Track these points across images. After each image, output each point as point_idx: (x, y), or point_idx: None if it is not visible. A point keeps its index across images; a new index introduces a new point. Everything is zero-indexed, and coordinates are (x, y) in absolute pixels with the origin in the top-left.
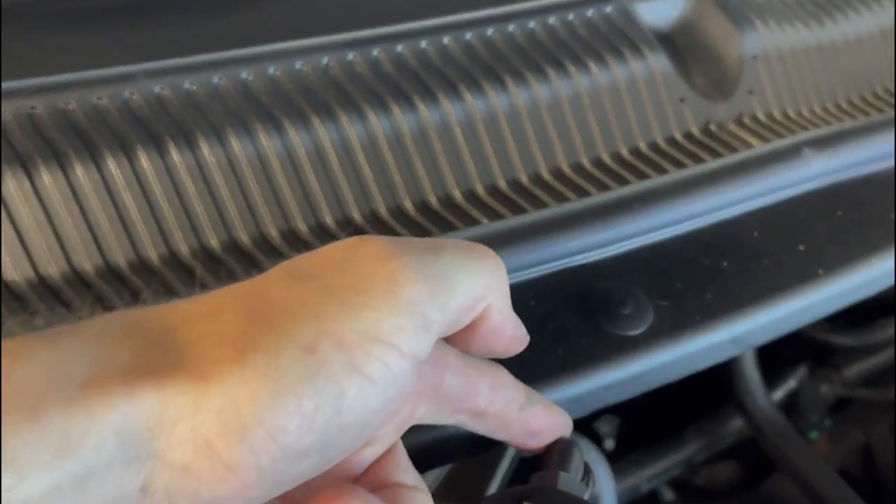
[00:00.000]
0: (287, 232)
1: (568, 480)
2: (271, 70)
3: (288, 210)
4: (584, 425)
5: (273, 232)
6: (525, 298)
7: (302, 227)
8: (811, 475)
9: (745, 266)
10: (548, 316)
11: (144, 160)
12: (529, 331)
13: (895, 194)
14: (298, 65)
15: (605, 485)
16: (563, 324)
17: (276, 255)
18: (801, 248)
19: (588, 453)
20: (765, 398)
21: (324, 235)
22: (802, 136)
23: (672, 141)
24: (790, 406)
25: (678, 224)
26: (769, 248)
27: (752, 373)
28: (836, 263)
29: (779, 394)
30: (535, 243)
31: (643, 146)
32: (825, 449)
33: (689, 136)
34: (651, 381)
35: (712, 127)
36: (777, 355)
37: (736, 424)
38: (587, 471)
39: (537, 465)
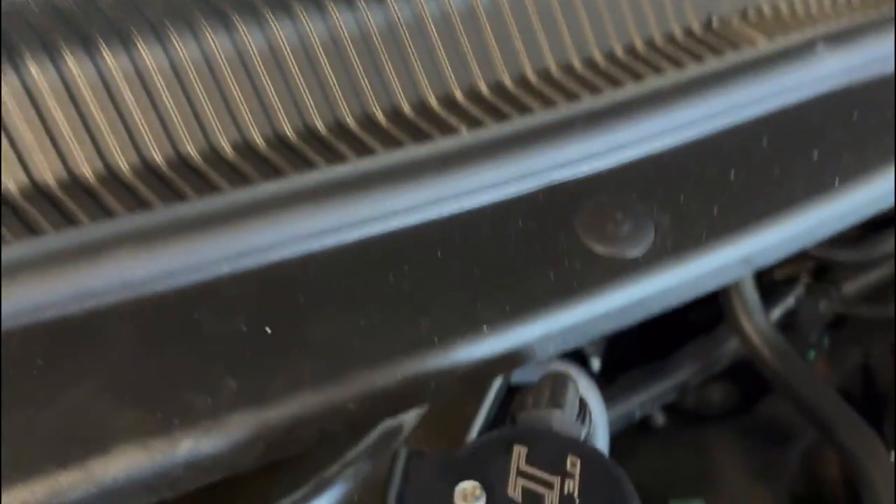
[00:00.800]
0: (241, 144)
1: (562, 420)
2: None
3: (242, 119)
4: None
5: (254, 138)
6: (511, 217)
7: (258, 139)
8: (811, 396)
9: (754, 177)
10: (536, 237)
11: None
12: (516, 254)
13: None
14: None
15: (598, 417)
16: (554, 246)
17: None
18: (816, 155)
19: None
20: (763, 318)
21: (283, 148)
22: (815, 31)
23: (671, 38)
24: (787, 326)
25: (679, 131)
26: (780, 156)
27: (750, 292)
28: (854, 172)
29: (776, 313)
30: (521, 154)
31: (639, 44)
32: (823, 369)
33: (689, 33)
34: (652, 307)
35: (714, 22)
36: (770, 270)
37: (732, 346)
38: (582, 406)
39: (526, 400)
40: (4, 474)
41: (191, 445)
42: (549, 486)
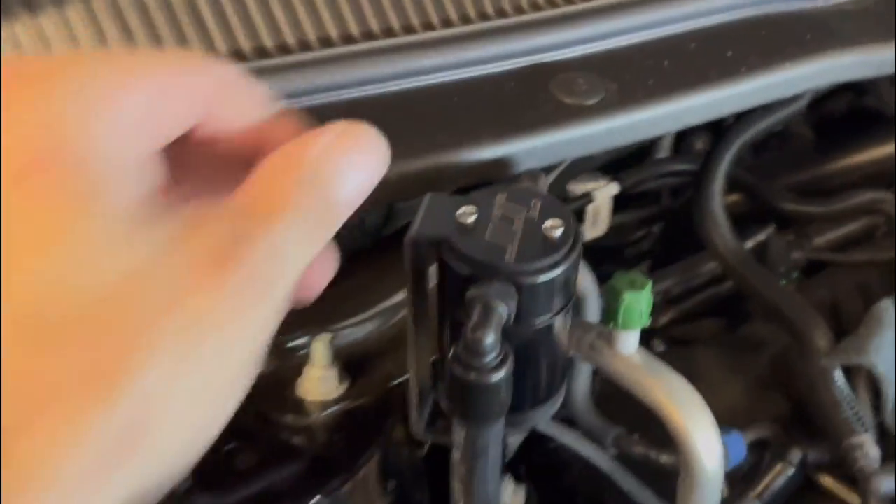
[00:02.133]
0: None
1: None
2: None
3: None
4: None
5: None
6: (505, 82)
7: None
8: (764, 288)
9: (681, 67)
10: (523, 93)
11: None
12: (508, 102)
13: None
14: None
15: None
16: (535, 98)
17: None
18: (730, 54)
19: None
20: (733, 239)
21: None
22: None
23: None
24: (759, 260)
25: (626, 35)
26: (703, 54)
27: (720, 217)
28: (757, 66)
29: (749, 244)
30: (515, 40)
31: None
32: None
33: None
34: (603, 139)
35: None
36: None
37: (711, 266)
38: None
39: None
40: None
41: None
42: (519, 212)
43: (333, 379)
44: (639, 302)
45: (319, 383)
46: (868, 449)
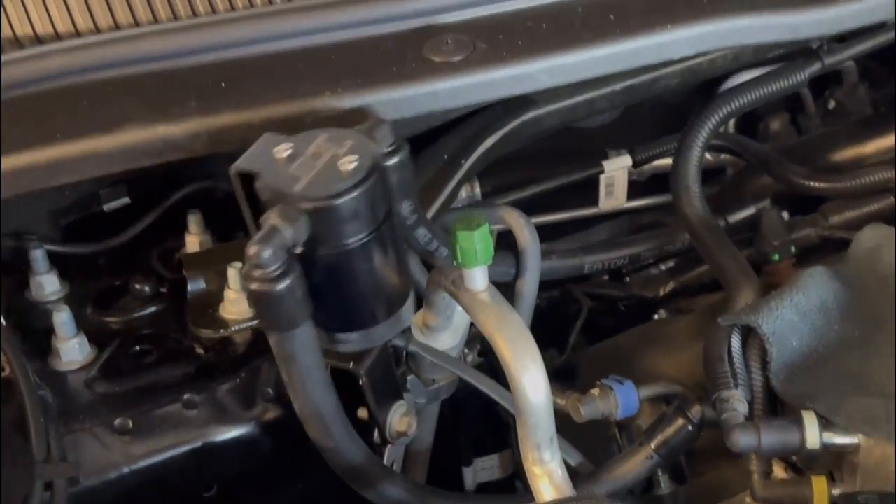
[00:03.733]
0: None
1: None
2: None
3: None
4: None
5: None
6: (384, 42)
7: None
8: (722, 265)
9: (557, 29)
10: (395, 53)
11: None
12: (381, 60)
13: None
14: None
15: (532, 256)
16: (405, 57)
17: None
18: (612, 17)
19: (517, 218)
20: (702, 208)
21: None
22: None
23: None
24: (754, 231)
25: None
26: (585, 17)
27: (693, 187)
28: (635, 29)
29: (739, 216)
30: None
31: None
32: (788, 270)
33: None
34: (465, 94)
35: None
36: (744, 185)
37: (683, 237)
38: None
39: None
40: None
41: (164, 131)
42: (330, 151)
43: (246, 301)
44: (472, 240)
45: (234, 304)
46: (735, 403)
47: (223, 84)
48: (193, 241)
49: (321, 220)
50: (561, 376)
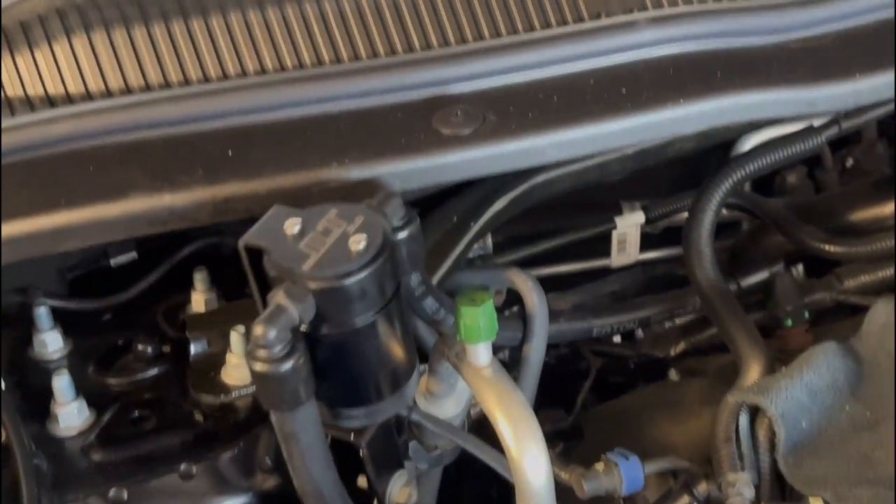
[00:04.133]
0: None
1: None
2: None
3: None
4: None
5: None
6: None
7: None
8: (733, 334)
9: (570, 101)
10: (403, 124)
11: None
12: (389, 130)
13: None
14: None
15: (540, 319)
16: (412, 128)
17: None
18: (624, 91)
19: (525, 282)
20: (714, 272)
21: None
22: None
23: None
24: (765, 298)
25: (520, 71)
26: (597, 91)
27: (705, 251)
28: (647, 103)
29: (750, 280)
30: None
31: None
32: (801, 337)
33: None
34: (473, 167)
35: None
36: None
37: (694, 301)
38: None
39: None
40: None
41: (170, 200)
42: (340, 227)
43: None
44: (476, 317)
45: (235, 369)
46: (741, 487)
47: (231, 152)
48: (199, 300)
49: (329, 300)
50: (568, 437)
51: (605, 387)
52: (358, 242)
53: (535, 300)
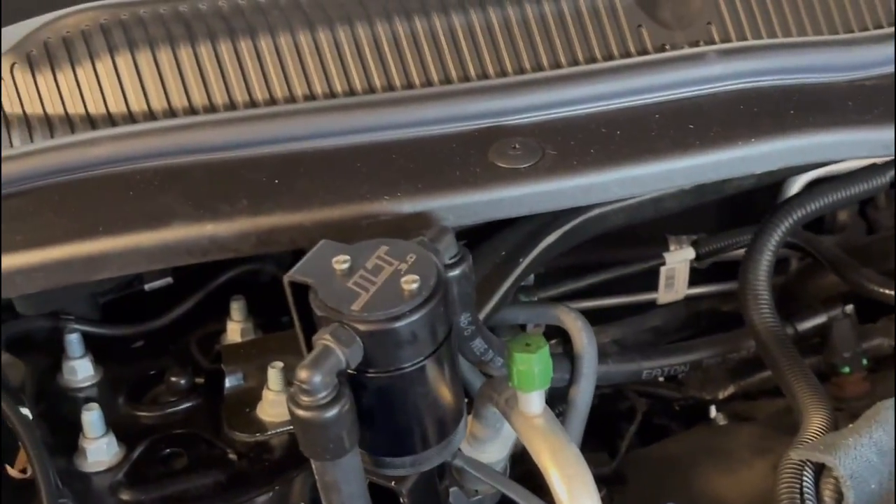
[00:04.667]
0: None
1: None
2: None
3: None
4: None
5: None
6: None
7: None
8: (793, 386)
9: (632, 137)
10: (457, 155)
11: None
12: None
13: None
14: None
15: (589, 360)
16: (468, 161)
17: None
18: (692, 127)
19: (574, 321)
20: (772, 316)
21: None
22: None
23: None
24: (822, 343)
25: (587, 102)
26: (663, 126)
27: (763, 294)
28: (716, 141)
29: (807, 325)
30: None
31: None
32: (859, 385)
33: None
34: (529, 203)
35: (667, 48)
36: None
37: (747, 344)
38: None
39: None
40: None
41: (212, 230)
42: (390, 265)
43: (284, 403)
44: (531, 364)
45: (272, 406)
46: None
47: (276, 181)
48: (235, 329)
49: (378, 343)
50: (611, 482)
51: (647, 429)
52: (410, 282)
53: (584, 341)
